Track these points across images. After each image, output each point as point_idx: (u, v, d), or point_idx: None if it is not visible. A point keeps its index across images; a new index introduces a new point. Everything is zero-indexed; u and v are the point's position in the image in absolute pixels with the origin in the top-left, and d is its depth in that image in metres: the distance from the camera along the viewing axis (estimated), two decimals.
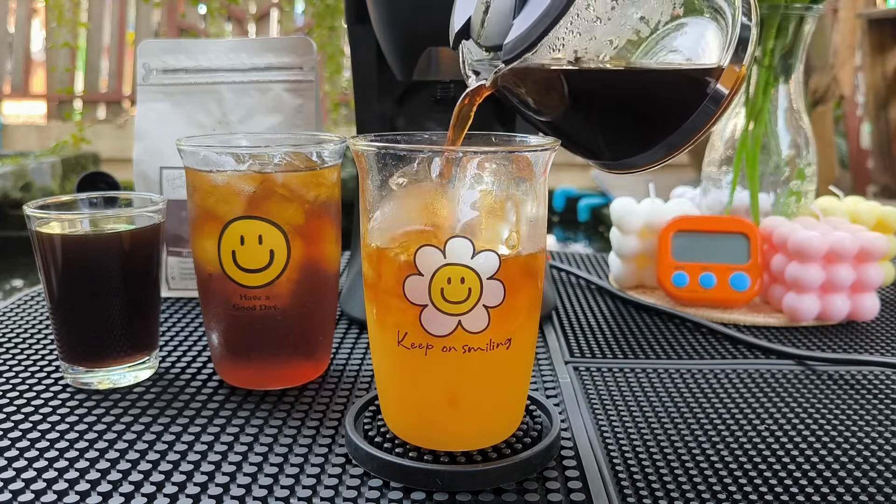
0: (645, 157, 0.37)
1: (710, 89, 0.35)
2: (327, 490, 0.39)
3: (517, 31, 0.35)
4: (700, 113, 0.35)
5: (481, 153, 0.38)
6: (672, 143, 0.36)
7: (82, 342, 0.51)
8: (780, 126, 0.73)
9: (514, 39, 0.35)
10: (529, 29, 0.34)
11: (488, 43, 0.38)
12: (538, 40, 0.34)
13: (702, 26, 0.36)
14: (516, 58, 0.35)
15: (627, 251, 0.75)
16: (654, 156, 0.37)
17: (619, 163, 0.39)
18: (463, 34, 0.40)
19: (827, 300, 0.66)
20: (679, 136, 0.36)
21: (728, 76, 0.35)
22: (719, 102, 0.35)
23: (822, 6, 0.70)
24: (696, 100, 0.35)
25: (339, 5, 2.74)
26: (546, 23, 0.33)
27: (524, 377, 0.42)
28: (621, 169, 0.39)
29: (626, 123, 0.38)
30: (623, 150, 0.38)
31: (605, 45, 0.35)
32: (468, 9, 0.40)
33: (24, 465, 0.41)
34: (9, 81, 4.86)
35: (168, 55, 0.71)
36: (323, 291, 0.52)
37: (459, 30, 0.40)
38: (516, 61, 0.35)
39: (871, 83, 3.16)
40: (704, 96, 0.35)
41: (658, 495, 0.39)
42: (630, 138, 0.38)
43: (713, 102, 0.35)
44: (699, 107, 0.35)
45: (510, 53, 0.35)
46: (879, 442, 0.45)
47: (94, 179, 0.69)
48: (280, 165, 0.49)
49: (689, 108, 0.35)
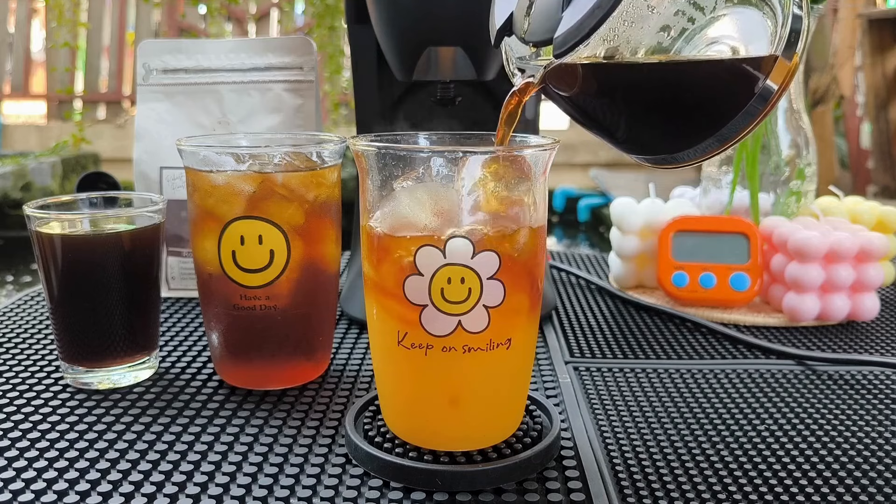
0: (696, 150, 0.37)
1: (760, 83, 0.35)
2: (327, 490, 0.39)
3: (568, 24, 0.34)
4: (751, 106, 0.35)
5: (481, 153, 0.38)
6: (723, 136, 0.36)
7: (82, 342, 0.50)
8: (780, 126, 0.73)
9: (565, 32, 0.34)
10: (582, 20, 0.33)
11: (535, 38, 0.37)
12: (591, 31, 0.33)
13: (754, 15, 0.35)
14: (568, 51, 0.34)
15: (627, 251, 0.75)
16: (705, 149, 0.36)
17: (670, 157, 0.38)
18: (505, 30, 0.39)
19: (827, 300, 0.66)
20: (730, 129, 0.35)
21: (779, 69, 0.34)
22: (769, 97, 0.35)
23: (822, 6, 0.70)
24: (747, 94, 0.35)
25: (339, 5, 2.74)
26: (599, 14, 0.32)
27: (524, 377, 0.42)
28: (671, 163, 0.38)
29: (677, 118, 0.37)
30: (673, 145, 0.37)
31: (659, 35, 0.34)
32: (509, 5, 0.39)
33: (24, 465, 0.41)
34: (9, 81, 4.86)
35: (168, 55, 0.71)
36: (323, 291, 0.52)
37: (501, 26, 0.39)
38: (568, 55, 0.34)
39: (871, 83, 3.16)
40: (755, 91, 0.35)
41: (658, 495, 0.39)
42: (681, 133, 0.37)
43: (762, 98, 0.35)
44: (750, 101, 0.35)
45: (562, 47, 0.34)
46: (879, 442, 0.45)
47: (94, 179, 0.69)
48: (280, 165, 0.49)
49: (740, 102, 0.35)
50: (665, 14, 0.34)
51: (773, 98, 0.35)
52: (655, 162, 0.39)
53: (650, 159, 0.39)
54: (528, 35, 0.38)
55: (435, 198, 0.37)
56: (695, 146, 0.37)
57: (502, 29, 0.39)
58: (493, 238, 0.37)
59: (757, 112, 0.35)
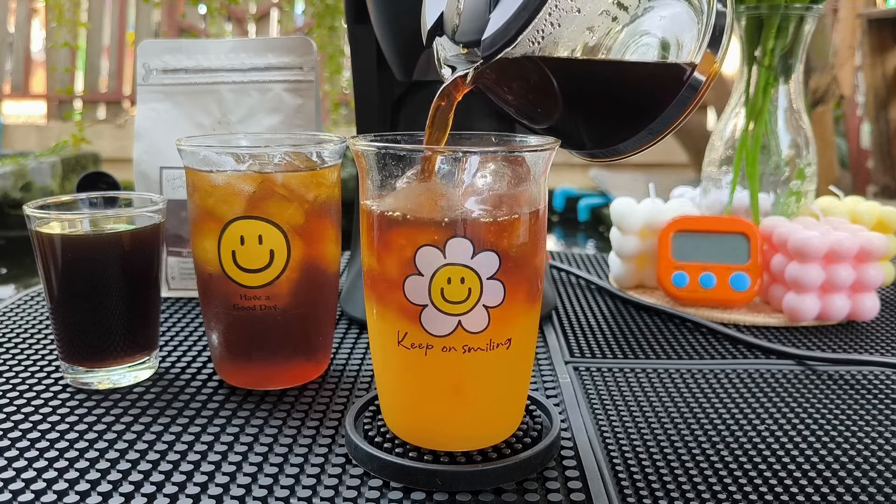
0: (629, 143, 0.37)
1: (687, 77, 0.35)
2: (327, 490, 0.39)
3: (495, 26, 0.34)
4: (679, 100, 0.35)
5: (481, 153, 0.38)
6: (654, 129, 0.36)
7: (82, 342, 0.51)
8: (780, 126, 0.73)
9: (492, 34, 0.34)
10: (508, 22, 0.33)
11: (464, 38, 0.37)
12: (518, 34, 0.33)
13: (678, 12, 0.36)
14: (496, 53, 0.34)
15: (627, 251, 0.75)
16: (637, 142, 0.37)
17: (604, 150, 0.38)
18: (436, 30, 0.39)
19: (827, 300, 0.66)
20: (661, 123, 0.36)
21: (705, 64, 0.35)
22: (697, 90, 0.35)
23: (822, 6, 0.70)
24: (674, 88, 0.35)
25: (339, 5, 2.74)
26: (525, 15, 0.33)
27: (524, 377, 0.42)
28: (607, 157, 0.39)
29: (608, 113, 0.38)
30: (606, 139, 0.38)
31: (585, 34, 0.35)
32: (439, 4, 0.39)
33: (24, 465, 0.41)
34: (9, 81, 4.86)
35: (168, 55, 0.71)
36: (323, 291, 0.52)
37: (432, 26, 0.39)
38: (496, 56, 0.34)
39: (871, 83, 3.16)
40: (683, 84, 0.35)
41: (658, 495, 0.39)
42: (613, 127, 0.38)
43: (691, 90, 0.35)
44: (678, 94, 0.35)
45: (489, 49, 0.34)
46: (879, 442, 0.45)
47: (94, 179, 0.69)
48: (280, 165, 0.49)
49: (668, 97, 0.35)
50: (590, 14, 0.34)
51: (701, 89, 0.35)
52: (592, 156, 0.39)
53: (586, 153, 0.40)
54: (458, 35, 0.38)
55: (435, 197, 0.37)
56: (627, 140, 0.37)
57: (433, 29, 0.39)
58: (493, 238, 0.37)
59: (687, 103, 0.36)
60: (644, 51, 0.35)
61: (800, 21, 0.70)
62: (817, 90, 2.52)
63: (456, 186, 0.37)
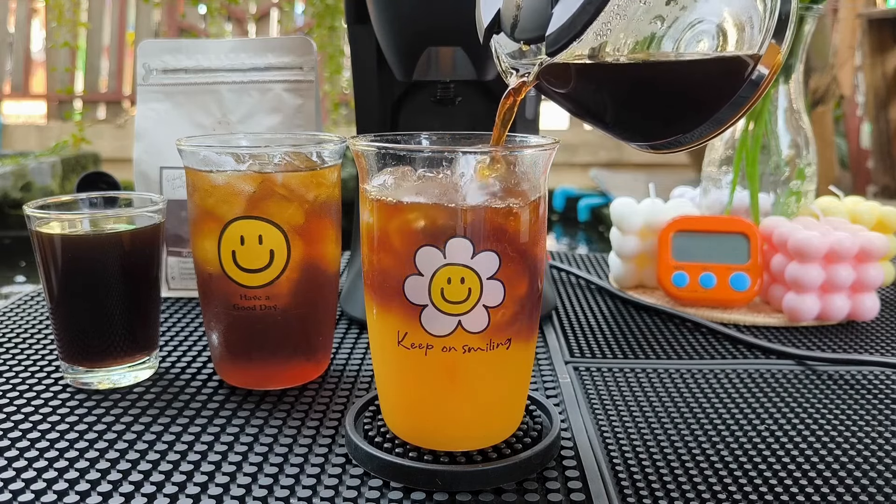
0: (694, 134, 0.37)
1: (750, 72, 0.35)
2: (327, 490, 0.39)
3: (559, 21, 0.33)
4: (745, 89, 0.35)
5: (481, 153, 0.38)
6: (720, 119, 0.36)
7: (82, 342, 0.50)
8: (780, 126, 0.73)
9: (557, 29, 0.33)
10: (574, 17, 0.32)
11: (525, 35, 0.37)
12: (584, 28, 0.32)
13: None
14: (562, 48, 0.34)
15: (627, 251, 0.75)
16: (703, 133, 0.37)
17: (668, 142, 0.38)
18: (493, 28, 0.39)
19: (827, 300, 0.66)
20: (726, 113, 0.36)
21: (769, 56, 0.34)
22: (759, 85, 0.35)
23: (822, 6, 0.70)
24: (737, 83, 0.35)
25: (339, 5, 2.74)
26: (591, 10, 0.32)
27: (524, 377, 0.42)
28: (670, 147, 0.38)
29: (673, 107, 0.37)
30: (671, 131, 0.38)
31: (652, 24, 0.34)
32: (495, 2, 0.38)
33: (24, 465, 0.41)
34: (9, 81, 4.86)
35: (168, 55, 0.71)
36: (323, 291, 0.52)
37: (489, 24, 0.39)
38: (562, 52, 0.34)
39: (871, 83, 3.16)
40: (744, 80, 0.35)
41: (658, 495, 0.39)
42: (678, 120, 0.37)
43: (753, 86, 0.35)
44: (743, 84, 0.35)
45: (555, 45, 0.34)
46: (879, 442, 0.45)
47: (94, 179, 0.69)
48: (280, 165, 0.49)
49: (730, 91, 0.35)
50: (657, 4, 0.34)
51: (765, 81, 0.35)
52: (656, 147, 0.39)
53: (650, 146, 0.39)
54: (518, 33, 0.37)
55: (434, 197, 0.37)
56: (692, 131, 0.37)
57: (490, 27, 0.39)
58: (492, 238, 0.37)
59: (748, 99, 0.35)
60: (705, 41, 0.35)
61: (800, 21, 0.70)
62: (817, 90, 2.52)
63: (456, 187, 0.37)
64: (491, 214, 0.37)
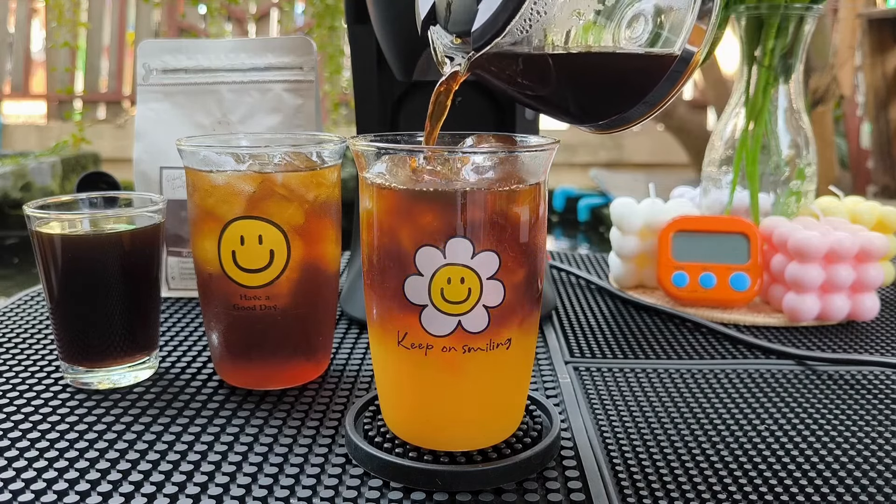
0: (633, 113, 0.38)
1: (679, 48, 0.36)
2: (327, 490, 0.39)
3: (484, 16, 0.34)
4: (673, 71, 0.36)
5: (481, 153, 0.38)
6: (652, 100, 0.37)
7: (82, 342, 0.51)
8: (780, 126, 0.73)
9: (481, 25, 0.34)
10: (496, 13, 0.34)
11: (456, 29, 0.38)
12: (505, 24, 0.34)
13: None
14: (486, 43, 0.35)
15: (627, 251, 0.75)
16: (637, 114, 0.38)
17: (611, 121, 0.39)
18: (430, 20, 0.40)
19: (827, 300, 0.66)
20: (657, 94, 0.36)
21: (696, 35, 0.35)
22: (689, 61, 0.36)
23: (822, 6, 0.70)
24: (667, 62, 0.36)
25: (339, 5, 2.74)
26: (511, 6, 0.33)
27: (524, 377, 0.42)
28: (615, 127, 0.39)
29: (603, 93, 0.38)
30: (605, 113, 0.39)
31: (573, 18, 0.35)
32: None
33: (24, 465, 0.41)
34: (9, 81, 4.86)
35: (168, 55, 0.71)
36: (323, 291, 0.52)
37: (426, 16, 0.40)
38: (487, 47, 0.35)
39: (871, 83, 3.16)
40: (675, 57, 0.36)
41: (658, 495, 0.39)
42: (610, 103, 0.38)
43: (682, 63, 0.36)
44: (671, 66, 0.36)
45: (479, 40, 0.35)
46: (879, 442, 0.45)
47: (94, 179, 0.69)
48: (280, 165, 0.49)
49: (662, 70, 0.36)
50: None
51: (692, 61, 0.35)
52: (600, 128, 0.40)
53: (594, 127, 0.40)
54: (450, 26, 0.38)
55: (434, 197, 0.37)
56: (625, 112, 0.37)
57: (427, 19, 0.40)
58: (492, 238, 0.37)
59: (678, 77, 0.36)
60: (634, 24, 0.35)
61: (800, 21, 0.70)
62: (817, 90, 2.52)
63: (456, 187, 0.37)
64: (491, 214, 0.37)
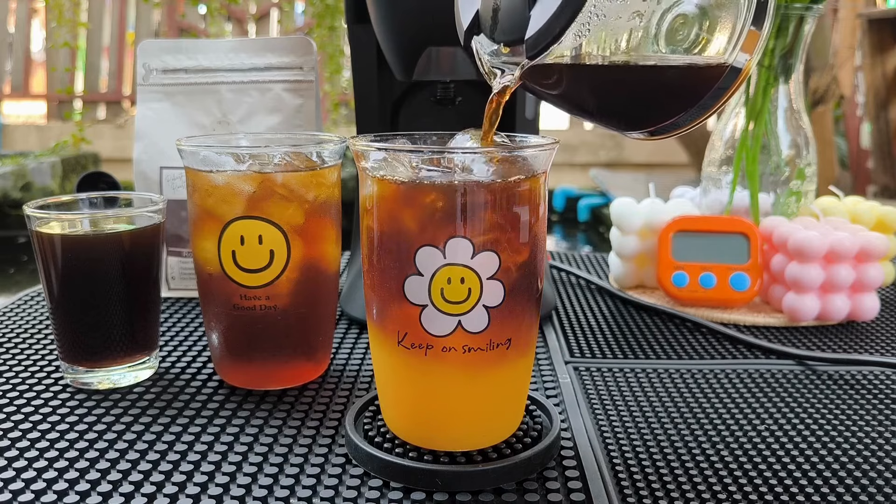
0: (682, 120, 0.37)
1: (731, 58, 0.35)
2: (327, 490, 0.39)
3: (537, 24, 0.33)
4: (726, 77, 0.35)
5: (481, 153, 0.38)
6: (705, 105, 0.36)
7: (82, 342, 0.50)
8: (780, 126, 0.73)
9: (535, 33, 0.33)
10: (552, 19, 0.32)
11: (504, 37, 0.36)
12: (562, 31, 0.32)
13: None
14: (541, 52, 0.33)
15: (627, 251, 0.75)
16: (690, 118, 0.37)
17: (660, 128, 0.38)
18: (473, 30, 0.38)
19: (827, 300, 0.66)
20: (711, 98, 0.36)
21: (749, 41, 0.35)
22: (740, 70, 0.35)
23: (822, 6, 0.70)
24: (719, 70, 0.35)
25: (339, 5, 2.74)
26: (569, 12, 0.32)
27: (524, 377, 0.42)
28: (664, 133, 0.38)
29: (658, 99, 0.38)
30: (660, 119, 0.38)
31: (631, 21, 0.34)
32: (473, 4, 0.38)
33: (24, 465, 0.41)
34: (9, 81, 4.86)
35: (168, 55, 0.71)
36: (323, 291, 0.52)
37: (469, 26, 0.38)
38: (542, 55, 0.34)
39: (871, 83, 3.16)
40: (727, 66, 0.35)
41: (658, 495, 0.39)
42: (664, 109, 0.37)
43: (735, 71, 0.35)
44: (725, 72, 0.35)
45: (534, 49, 0.33)
46: (879, 442, 0.45)
47: (94, 179, 0.69)
48: (280, 165, 0.49)
49: (714, 78, 0.35)
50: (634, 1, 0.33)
51: (745, 68, 0.35)
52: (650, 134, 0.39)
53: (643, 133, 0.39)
54: (498, 35, 0.37)
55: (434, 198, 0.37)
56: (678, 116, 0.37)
57: (470, 28, 0.38)
58: (492, 238, 0.37)
59: (731, 83, 0.35)
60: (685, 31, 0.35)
61: (800, 21, 0.70)
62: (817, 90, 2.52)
63: (455, 186, 0.37)
64: (491, 214, 0.37)
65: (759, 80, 0.72)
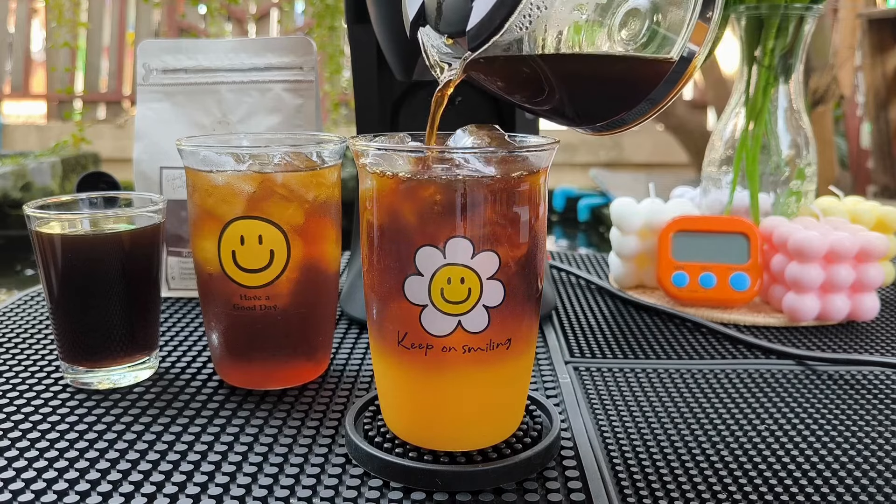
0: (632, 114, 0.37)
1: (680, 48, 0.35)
2: (327, 490, 0.39)
3: (479, 14, 0.33)
4: (673, 72, 0.35)
5: (481, 153, 0.38)
6: (654, 98, 0.36)
7: (82, 342, 0.50)
8: (780, 126, 0.73)
9: (477, 24, 0.33)
10: (493, 10, 0.32)
11: (449, 29, 0.36)
12: (503, 22, 0.32)
13: None
14: (483, 43, 0.33)
15: (627, 251, 0.75)
16: (640, 113, 0.36)
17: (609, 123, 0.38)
18: (419, 21, 0.38)
19: (827, 300, 0.66)
20: (660, 92, 0.35)
21: (697, 34, 0.34)
22: (689, 62, 0.35)
23: (822, 6, 0.70)
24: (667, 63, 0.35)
25: (339, 5, 2.74)
26: (510, 2, 0.32)
27: (524, 377, 0.42)
28: (612, 129, 0.38)
29: (604, 93, 0.37)
30: (609, 114, 0.37)
31: (574, 13, 0.33)
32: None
33: (24, 465, 0.41)
34: (9, 81, 4.86)
35: (168, 55, 0.71)
36: (323, 291, 0.52)
37: (415, 17, 0.38)
38: (483, 47, 0.33)
39: (871, 83, 3.16)
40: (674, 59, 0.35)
41: (658, 495, 0.39)
42: (612, 103, 0.37)
43: (684, 62, 0.35)
44: (671, 68, 0.35)
45: (476, 40, 0.33)
46: (879, 442, 0.45)
47: (94, 179, 0.69)
48: (280, 165, 0.49)
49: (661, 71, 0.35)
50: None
51: (694, 59, 0.35)
52: (597, 130, 0.39)
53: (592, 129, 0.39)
54: (442, 26, 0.37)
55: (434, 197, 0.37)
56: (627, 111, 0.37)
57: (416, 19, 0.38)
58: (492, 238, 0.37)
59: (679, 77, 0.35)
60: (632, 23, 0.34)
61: (800, 21, 0.70)
62: (817, 90, 2.52)
63: (455, 186, 0.37)
64: (491, 214, 0.37)
65: (759, 80, 0.72)
